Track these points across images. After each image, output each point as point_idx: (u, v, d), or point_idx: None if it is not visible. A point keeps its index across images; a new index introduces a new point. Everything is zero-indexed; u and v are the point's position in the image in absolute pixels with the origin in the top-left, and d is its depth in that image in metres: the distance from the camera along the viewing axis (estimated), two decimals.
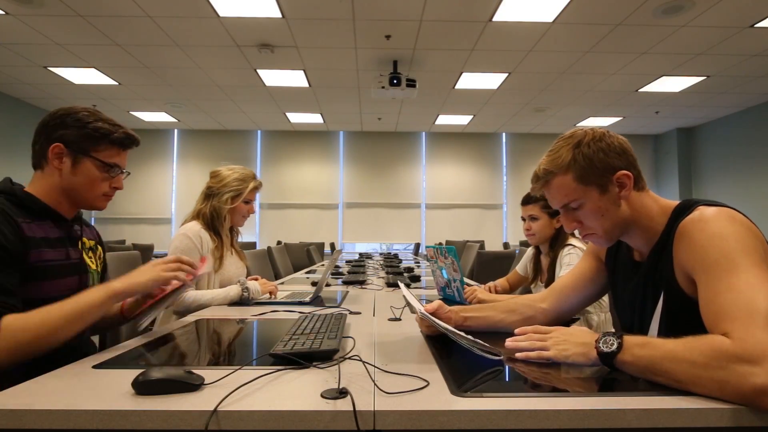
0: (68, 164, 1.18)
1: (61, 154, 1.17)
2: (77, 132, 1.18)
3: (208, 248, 1.89)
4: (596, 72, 5.81)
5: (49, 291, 1.14)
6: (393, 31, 4.71)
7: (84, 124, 1.18)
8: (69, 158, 1.18)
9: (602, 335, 0.87)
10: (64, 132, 1.17)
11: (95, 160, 1.21)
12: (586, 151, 1.00)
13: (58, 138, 1.17)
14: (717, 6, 4.10)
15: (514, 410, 0.71)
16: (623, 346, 0.82)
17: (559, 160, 1.02)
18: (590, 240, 1.09)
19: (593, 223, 1.04)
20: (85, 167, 1.20)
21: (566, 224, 1.08)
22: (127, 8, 4.23)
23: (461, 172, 9.28)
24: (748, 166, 7.39)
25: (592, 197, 1.01)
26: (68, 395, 0.76)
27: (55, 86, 6.41)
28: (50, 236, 1.17)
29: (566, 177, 1.02)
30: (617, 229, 1.04)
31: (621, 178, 1.00)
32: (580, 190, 1.01)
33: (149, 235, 8.73)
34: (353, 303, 1.85)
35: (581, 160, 1.00)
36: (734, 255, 0.85)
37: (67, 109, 1.21)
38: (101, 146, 1.21)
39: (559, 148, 1.04)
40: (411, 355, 1.05)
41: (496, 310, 1.28)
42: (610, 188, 1.01)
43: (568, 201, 1.04)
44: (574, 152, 1.01)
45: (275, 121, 8.41)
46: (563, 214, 1.08)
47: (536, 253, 2.33)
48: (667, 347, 0.79)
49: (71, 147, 1.18)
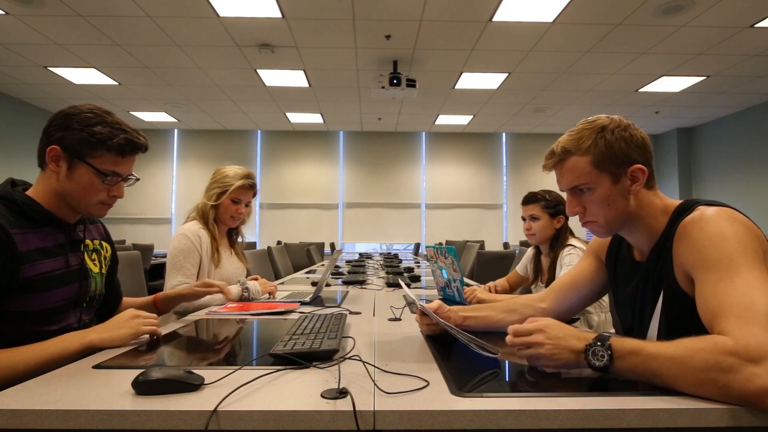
0: (64, 168, 1.12)
1: (57, 158, 1.11)
2: (76, 135, 1.11)
3: (207, 246, 1.90)
4: (596, 72, 5.81)
5: (46, 302, 1.11)
6: (393, 31, 4.71)
7: (83, 127, 1.11)
8: (65, 162, 1.12)
9: (590, 344, 0.83)
10: (64, 134, 1.11)
11: (90, 167, 1.13)
12: (609, 138, 0.99)
13: (56, 140, 1.11)
14: (717, 6, 4.10)
15: (514, 410, 0.71)
16: (613, 356, 0.80)
17: (580, 141, 1.01)
18: (589, 228, 1.08)
19: (597, 211, 1.03)
20: (79, 173, 1.13)
21: (569, 207, 1.07)
22: (127, 8, 4.23)
23: (461, 172, 9.28)
24: (748, 166, 7.38)
25: (603, 184, 1.01)
26: (68, 395, 0.76)
27: (55, 86, 6.41)
28: (48, 245, 1.13)
29: (583, 159, 1.01)
30: (619, 222, 1.04)
31: (635, 172, 1.00)
32: (593, 175, 1.01)
33: (149, 235, 8.72)
34: (353, 303, 1.85)
35: (602, 145, 0.99)
36: (734, 255, 0.84)
37: (73, 108, 1.14)
38: (98, 152, 1.13)
39: (581, 129, 1.03)
40: (411, 355, 1.05)
41: (496, 310, 1.28)
42: (623, 179, 1.00)
43: (578, 183, 1.03)
44: (596, 136, 1.00)
45: (275, 121, 8.41)
46: (569, 196, 1.07)
47: (536, 253, 2.33)
48: (663, 352, 0.77)
49: (68, 151, 1.11)
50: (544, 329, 0.88)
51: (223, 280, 1.93)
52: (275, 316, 1.56)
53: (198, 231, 1.91)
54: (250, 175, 2.02)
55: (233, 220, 2.01)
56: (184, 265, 1.84)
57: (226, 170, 2.00)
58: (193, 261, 1.86)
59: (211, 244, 1.93)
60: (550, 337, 0.87)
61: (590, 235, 1.16)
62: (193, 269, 1.86)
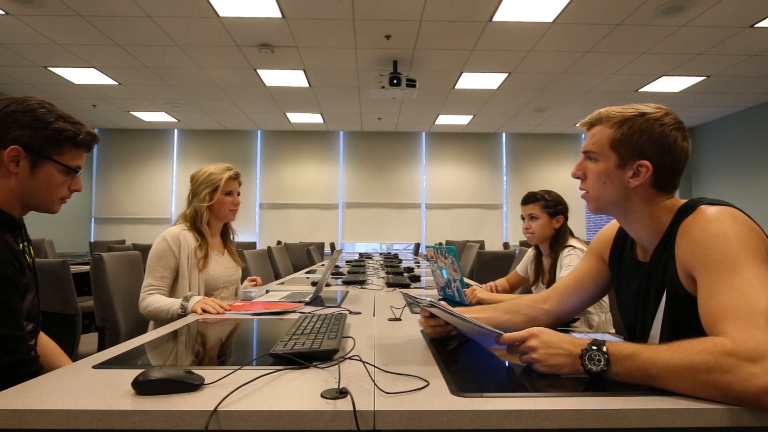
0: (26, 168, 1.07)
1: (17, 158, 1.05)
2: (37, 133, 1.06)
3: (188, 249, 1.89)
4: (596, 72, 5.81)
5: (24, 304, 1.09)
6: (393, 31, 4.71)
7: (45, 125, 1.07)
8: (27, 161, 1.06)
9: (586, 349, 0.83)
10: (20, 133, 1.05)
11: (57, 164, 1.10)
12: (637, 125, 1.00)
13: (14, 140, 1.04)
14: (717, 6, 4.10)
15: (513, 410, 0.71)
16: (610, 361, 0.80)
17: (617, 116, 1.02)
18: (583, 197, 1.11)
19: (592, 184, 1.06)
20: (45, 171, 1.09)
21: (576, 168, 1.10)
22: (127, 8, 4.22)
23: (461, 172, 9.28)
24: (748, 166, 7.38)
25: (608, 162, 1.02)
26: (68, 395, 0.76)
27: (55, 86, 6.41)
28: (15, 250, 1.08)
29: (606, 131, 1.03)
30: (611, 205, 1.05)
31: (641, 168, 0.99)
32: (604, 149, 1.03)
33: (149, 235, 8.72)
34: (353, 303, 1.85)
35: (626, 128, 1.00)
36: (736, 255, 0.84)
37: (18, 103, 1.07)
38: (64, 149, 1.10)
39: (627, 107, 1.03)
40: (411, 355, 1.05)
41: (499, 310, 1.28)
42: (627, 168, 1.01)
43: (591, 149, 1.05)
44: (628, 118, 1.01)
45: (275, 121, 8.41)
46: (582, 158, 1.09)
47: (537, 254, 2.33)
48: (661, 355, 0.77)
49: (31, 150, 1.06)
50: (538, 334, 0.89)
51: (210, 283, 1.94)
52: (275, 316, 1.56)
53: (180, 233, 1.90)
54: (231, 166, 2.06)
55: (233, 213, 2.04)
56: (156, 268, 1.85)
57: (206, 170, 2.01)
58: (166, 264, 1.85)
59: (199, 247, 1.92)
60: (543, 342, 0.87)
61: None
62: (165, 272, 1.85)
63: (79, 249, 8.21)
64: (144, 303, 1.80)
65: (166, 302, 1.76)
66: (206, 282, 1.92)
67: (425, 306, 1.13)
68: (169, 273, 1.86)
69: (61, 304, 2.12)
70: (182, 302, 1.68)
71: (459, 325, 1.07)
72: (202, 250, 1.92)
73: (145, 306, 1.79)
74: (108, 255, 2.03)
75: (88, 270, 2.22)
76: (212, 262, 1.96)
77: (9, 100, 1.07)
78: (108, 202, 9.05)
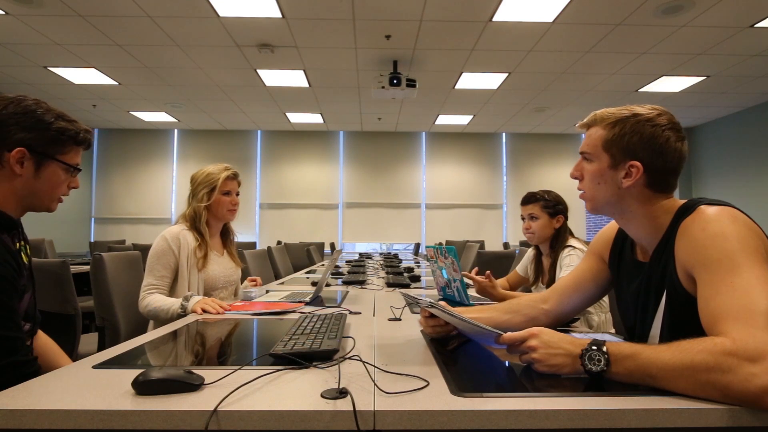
0: (30, 169, 1.09)
1: (22, 159, 1.07)
2: (41, 135, 1.08)
3: (188, 248, 1.89)
4: (596, 72, 5.81)
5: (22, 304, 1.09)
6: (393, 31, 4.71)
7: (47, 126, 1.09)
8: (31, 162, 1.08)
9: (586, 349, 0.83)
10: (24, 135, 1.06)
11: (61, 163, 1.13)
12: (629, 126, 1.00)
13: (18, 142, 1.06)
14: (717, 6, 4.09)
15: (513, 410, 0.71)
16: (610, 361, 0.80)
17: (612, 117, 1.03)
18: (581, 197, 1.12)
19: (588, 185, 1.07)
20: (49, 171, 1.11)
21: (573, 168, 1.11)
22: (127, 8, 4.22)
23: (461, 172, 9.28)
24: (748, 166, 7.38)
25: (601, 162, 1.04)
26: (68, 395, 0.76)
27: (55, 86, 6.41)
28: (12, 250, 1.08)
29: (600, 132, 1.04)
30: (607, 206, 1.06)
31: (632, 168, 1.00)
32: (598, 150, 1.04)
33: (149, 235, 8.71)
34: (353, 303, 1.85)
35: (618, 130, 1.01)
36: (736, 255, 0.84)
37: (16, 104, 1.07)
38: (66, 148, 1.13)
39: (622, 109, 1.04)
40: (411, 355, 1.05)
41: (499, 310, 1.28)
42: (619, 168, 1.01)
43: (586, 150, 1.07)
44: (621, 120, 1.02)
45: (275, 121, 8.40)
46: (580, 159, 1.10)
47: (537, 254, 2.33)
48: (661, 355, 0.77)
49: (35, 151, 1.08)
50: (538, 334, 0.89)
51: (209, 282, 1.94)
52: (275, 316, 1.56)
53: (180, 233, 1.91)
54: (229, 166, 2.06)
55: (231, 213, 2.04)
56: (156, 267, 1.85)
57: (205, 170, 2.01)
58: (166, 264, 1.86)
59: (198, 247, 1.92)
60: (543, 341, 0.88)
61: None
62: (165, 271, 1.86)
63: (79, 249, 8.21)
64: (144, 302, 1.80)
65: (166, 302, 1.76)
66: (205, 282, 1.93)
67: (425, 306, 1.13)
68: (169, 272, 1.87)
69: (61, 304, 2.12)
70: (182, 302, 1.68)
71: (459, 325, 1.07)
72: (201, 249, 1.93)
73: (145, 305, 1.79)
74: (108, 255, 2.03)
75: (88, 270, 2.22)
76: (211, 262, 1.96)
77: (5, 102, 1.07)
78: (108, 202, 9.05)
